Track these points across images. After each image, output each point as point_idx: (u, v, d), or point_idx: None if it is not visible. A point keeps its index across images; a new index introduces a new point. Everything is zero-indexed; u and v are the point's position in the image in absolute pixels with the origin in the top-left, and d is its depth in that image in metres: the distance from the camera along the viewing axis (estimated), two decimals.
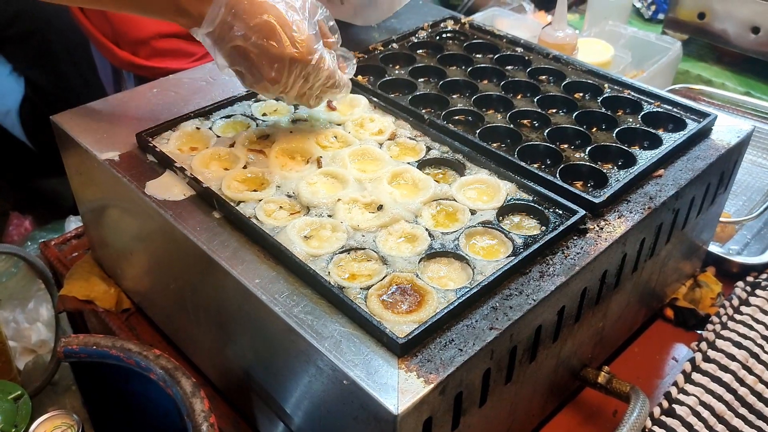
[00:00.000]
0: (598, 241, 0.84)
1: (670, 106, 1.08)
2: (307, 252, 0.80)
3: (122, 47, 1.77)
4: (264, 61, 0.88)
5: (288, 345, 0.75)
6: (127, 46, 1.76)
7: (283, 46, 0.87)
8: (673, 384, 0.99)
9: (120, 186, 0.94)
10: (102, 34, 1.78)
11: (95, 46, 1.84)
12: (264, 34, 0.86)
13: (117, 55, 1.77)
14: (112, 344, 0.86)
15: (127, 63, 1.77)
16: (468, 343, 0.71)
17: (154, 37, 1.74)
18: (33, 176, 2.38)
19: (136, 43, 1.75)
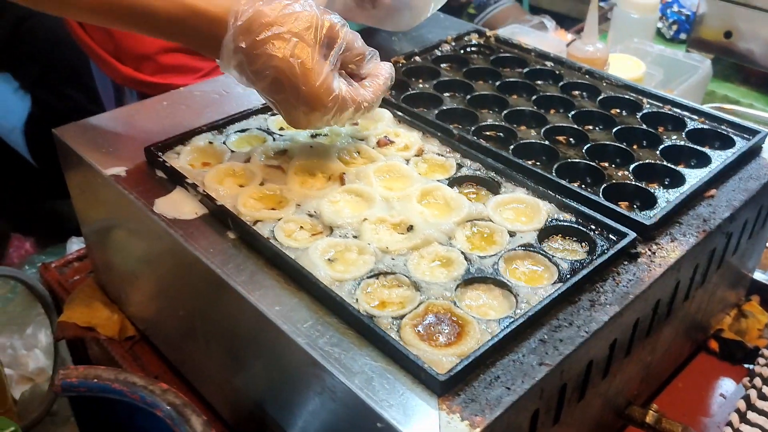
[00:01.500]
0: (652, 267, 0.77)
1: (716, 122, 1.01)
2: (332, 276, 0.73)
3: (125, 63, 1.70)
4: (281, 109, 0.84)
5: (311, 380, 0.67)
6: (130, 62, 1.70)
7: (290, 97, 0.80)
8: (727, 424, 0.90)
9: (126, 204, 0.87)
10: (104, 50, 1.72)
11: (96, 62, 1.78)
12: (275, 87, 0.80)
13: (119, 71, 1.71)
14: (114, 377, 0.78)
15: (130, 79, 1.70)
16: (516, 381, 0.63)
17: (159, 52, 1.68)
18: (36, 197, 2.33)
19: (140, 58, 1.69)
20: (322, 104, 0.81)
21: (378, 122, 1.00)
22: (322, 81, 0.80)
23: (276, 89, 0.80)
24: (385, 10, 1.18)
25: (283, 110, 0.83)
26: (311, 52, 0.79)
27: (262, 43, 0.78)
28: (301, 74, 0.79)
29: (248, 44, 0.78)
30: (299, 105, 0.80)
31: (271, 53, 0.78)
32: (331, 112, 0.82)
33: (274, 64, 0.78)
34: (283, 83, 0.79)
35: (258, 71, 0.79)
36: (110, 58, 1.69)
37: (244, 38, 0.79)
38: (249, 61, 0.79)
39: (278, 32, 0.79)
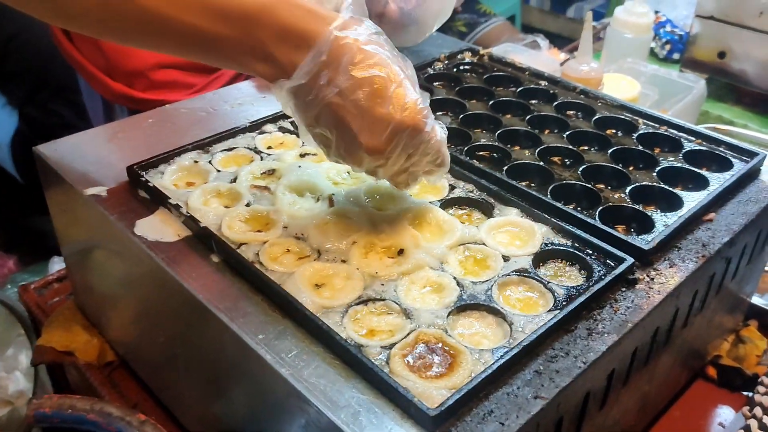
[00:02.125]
0: (650, 294, 0.74)
1: (714, 144, 0.99)
2: (319, 303, 0.70)
3: (116, 79, 1.67)
4: (364, 124, 0.71)
5: (295, 413, 0.64)
6: (121, 78, 1.67)
7: (393, 106, 0.70)
8: None
9: (106, 225, 0.83)
10: (94, 66, 1.69)
11: (86, 79, 1.74)
12: (371, 90, 0.70)
13: (110, 87, 1.68)
14: (90, 407, 0.75)
15: (121, 96, 1.67)
16: (510, 415, 0.60)
17: (152, 68, 1.65)
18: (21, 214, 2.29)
19: (132, 74, 1.66)
20: (419, 124, 0.72)
21: None
22: (420, 99, 0.73)
23: (374, 91, 0.70)
24: (392, 25, 1.17)
25: (370, 125, 0.71)
26: (409, 77, 0.74)
27: (372, 41, 0.71)
28: (406, 84, 0.72)
29: (361, 38, 0.71)
30: (392, 116, 0.70)
31: (381, 53, 0.71)
32: (421, 136, 0.73)
33: (384, 65, 0.71)
34: (386, 88, 0.70)
35: (362, 67, 0.70)
36: (101, 75, 1.66)
37: (354, 29, 0.71)
38: (354, 56, 0.70)
39: (383, 43, 0.73)
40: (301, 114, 0.74)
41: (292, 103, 0.74)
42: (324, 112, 0.72)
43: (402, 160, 0.74)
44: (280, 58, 0.71)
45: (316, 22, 0.70)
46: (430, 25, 1.20)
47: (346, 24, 0.71)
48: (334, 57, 0.70)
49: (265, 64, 0.72)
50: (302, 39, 0.70)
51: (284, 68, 0.71)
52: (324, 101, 0.71)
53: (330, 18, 0.71)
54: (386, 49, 0.73)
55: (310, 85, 0.71)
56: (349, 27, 0.71)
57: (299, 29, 0.70)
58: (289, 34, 0.70)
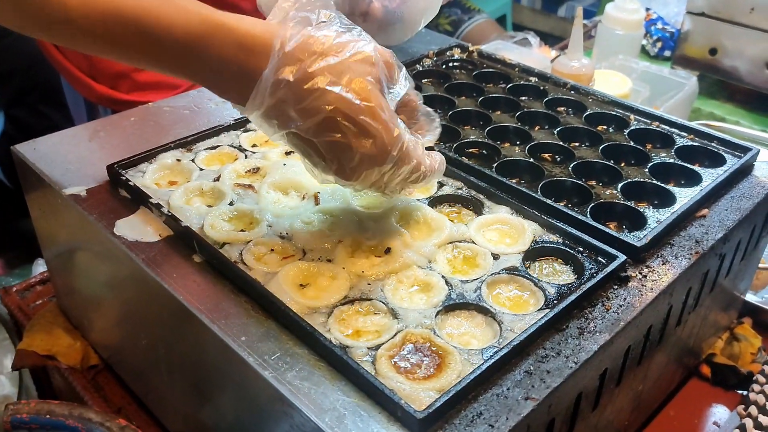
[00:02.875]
0: (643, 291, 0.72)
1: (706, 139, 0.98)
2: (303, 304, 0.68)
3: (100, 81, 1.65)
4: (328, 155, 0.68)
5: (279, 417, 0.62)
6: (105, 80, 1.64)
7: (350, 138, 0.66)
8: None
9: (86, 225, 0.81)
10: (77, 68, 1.66)
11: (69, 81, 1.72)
12: (325, 128, 0.66)
13: (94, 89, 1.65)
14: (69, 412, 0.73)
15: (105, 98, 1.65)
16: (500, 417, 0.58)
17: (135, 70, 1.63)
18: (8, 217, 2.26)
19: (116, 76, 1.63)
20: (385, 150, 0.67)
21: None
22: (386, 122, 0.67)
23: (327, 130, 0.66)
24: (377, 24, 1.15)
25: (332, 158, 0.68)
26: (372, 87, 0.67)
27: (314, 75, 0.65)
28: (361, 112, 0.66)
29: (298, 76, 0.65)
30: (355, 150, 0.66)
31: (326, 87, 0.65)
32: (391, 164, 0.69)
33: (329, 99, 0.65)
34: (338, 123, 0.65)
35: (306, 110, 0.65)
36: (84, 77, 1.64)
37: (291, 69, 0.65)
38: (296, 98, 0.65)
39: (333, 63, 0.66)
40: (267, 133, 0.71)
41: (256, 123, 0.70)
42: (287, 138, 0.70)
43: (371, 183, 0.71)
44: (223, 90, 0.69)
45: (251, 59, 0.65)
46: (416, 22, 1.19)
47: (283, 61, 0.65)
48: (278, 98, 0.65)
49: (214, 89, 0.69)
50: (240, 78, 0.66)
51: (234, 98, 0.68)
52: (283, 132, 0.68)
53: (266, 49, 0.65)
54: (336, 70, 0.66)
55: (266, 117, 0.68)
56: (288, 62, 0.65)
57: (235, 68, 0.65)
58: (226, 72, 0.66)
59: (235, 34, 0.65)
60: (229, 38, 0.65)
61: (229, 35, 0.65)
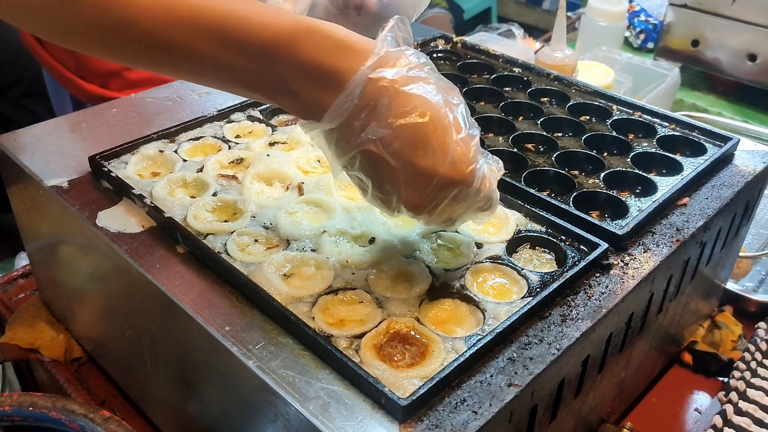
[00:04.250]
0: (625, 279, 0.73)
1: (687, 129, 0.99)
2: (288, 293, 0.68)
3: (89, 80, 1.63)
4: (405, 178, 0.62)
5: (264, 407, 0.62)
6: (95, 79, 1.62)
7: (436, 160, 0.61)
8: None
9: (68, 217, 0.81)
10: (64, 67, 1.64)
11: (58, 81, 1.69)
12: (411, 140, 0.60)
13: (84, 88, 1.63)
14: (52, 405, 0.72)
15: (95, 97, 1.63)
16: (484, 404, 0.58)
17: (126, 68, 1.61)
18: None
19: (107, 75, 1.61)
20: (469, 173, 0.62)
21: None
22: (471, 148, 0.63)
23: (415, 143, 0.60)
24: (372, 18, 1.14)
25: (411, 179, 0.62)
26: (458, 112, 0.63)
27: (412, 80, 0.61)
28: (450, 129, 0.61)
29: (397, 77, 0.60)
30: (436, 169, 0.61)
31: (424, 95, 0.60)
32: (468, 191, 0.63)
33: (426, 107, 0.60)
34: (428, 137, 0.60)
35: (399, 114, 0.60)
36: (72, 76, 1.62)
37: (391, 70, 0.60)
38: (390, 100, 0.60)
39: (429, 76, 0.62)
40: (333, 155, 0.65)
41: (323, 142, 0.65)
42: (359, 158, 0.62)
43: (446, 213, 0.65)
44: (304, 97, 0.62)
45: (345, 59, 0.60)
46: (409, 15, 1.18)
47: (382, 61, 0.60)
48: (368, 101, 0.60)
49: (287, 99, 0.63)
50: (329, 79, 0.60)
51: (309, 108, 0.62)
52: (359, 148, 0.61)
53: (364, 51, 0.61)
54: (431, 83, 0.62)
55: (342, 131, 0.62)
56: (386, 64, 0.60)
57: (325, 67, 0.60)
58: (314, 72, 0.60)
59: (331, 35, 0.61)
60: (326, 38, 0.61)
61: (324, 35, 0.61)
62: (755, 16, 1.68)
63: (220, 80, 0.64)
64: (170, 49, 0.60)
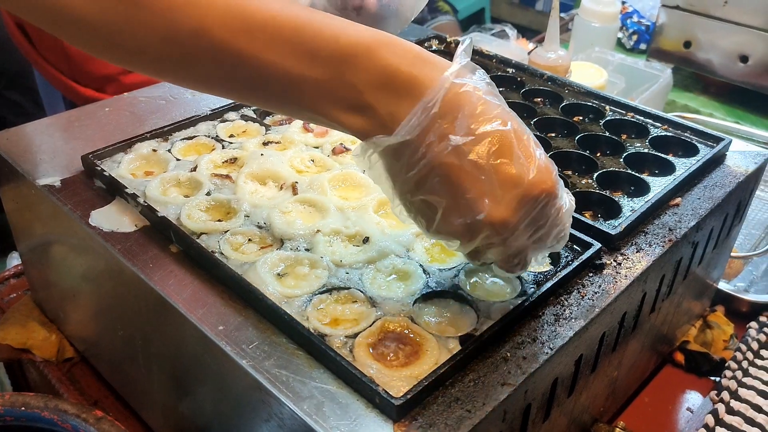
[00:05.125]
0: (618, 279, 0.73)
1: (680, 130, 0.99)
2: (281, 293, 0.68)
3: (84, 84, 1.62)
4: (488, 188, 0.57)
5: (258, 406, 0.62)
6: (90, 83, 1.61)
7: (522, 168, 0.57)
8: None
9: (60, 216, 0.80)
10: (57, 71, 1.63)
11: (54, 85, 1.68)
12: (495, 148, 0.57)
13: (78, 92, 1.62)
14: (44, 404, 0.72)
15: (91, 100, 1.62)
16: (477, 403, 0.59)
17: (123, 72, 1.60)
18: None
19: (102, 79, 1.60)
20: (556, 183, 0.60)
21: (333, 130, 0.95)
22: (549, 160, 0.60)
23: (500, 149, 0.57)
24: (371, 18, 1.14)
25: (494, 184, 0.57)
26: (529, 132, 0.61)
27: (492, 91, 0.59)
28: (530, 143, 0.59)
29: (479, 84, 0.59)
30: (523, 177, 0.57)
31: (503, 106, 0.59)
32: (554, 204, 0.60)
33: (506, 118, 0.58)
34: (512, 142, 0.57)
35: (482, 120, 0.57)
36: (67, 80, 1.61)
37: (471, 76, 0.59)
38: (472, 107, 0.57)
39: (498, 103, 0.59)
40: (397, 178, 0.61)
41: (385, 164, 0.61)
42: (433, 174, 0.58)
43: (528, 234, 0.60)
44: (379, 109, 0.58)
45: (426, 68, 0.58)
46: (408, 15, 1.18)
47: (461, 71, 0.58)
48: (449, 108, 0.57)
49: (356, 115, 0.59)
50: (409, 87, 0.57)
51: (382, 121, 0.58)
52: (434, 161, 0.57)
53: (442, 64, 0.59)
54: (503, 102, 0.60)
55: (417, 142, 0.57)
56: (465, 75, 0.58)
57: (406, 75, 0.57)
58: (393, 81, 0.57)
59: (410, 47, 0.59)
60: (405, 49, 0.58)
61: (404, 47, 0.58)
62: (747, 17, 1.69)
63: (279, 97, 0.61)
64: (239, 60, 0.57)
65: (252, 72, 0.58)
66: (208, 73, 0.60)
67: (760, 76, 1.74)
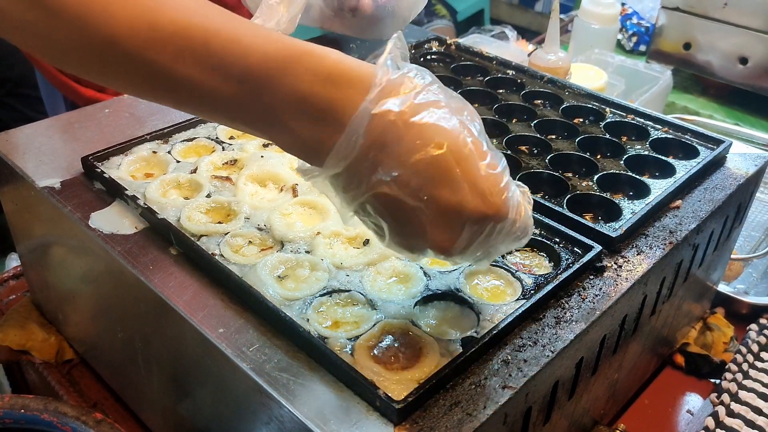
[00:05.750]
0: (618, 281, 0.73)
1: (680, 132, 0.99)
2: (282, 295, 0.68)
3: (85, 84, 1.62)
4: (430, 218, 0.55)
5: (258, 409, 0.62)
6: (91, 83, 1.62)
7: (463, 194, 0.54)
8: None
9: (60, 218, 0.80)
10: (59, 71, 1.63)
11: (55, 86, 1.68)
12: (431, 176, 0.53)
13: (79, 93, 1.62)
14: (44, 407, 0.72)
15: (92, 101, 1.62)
16: (478, 406, 0.58)
17: None
18: None
19: None
20: (504, 203, 0.56)
21: None
22: (500, 174, 0.56)
23: (436, 179, 0.53)
24: (367, 19, 1.14)
25: (431, 218, 0.55)
26: (477, 133, 0.57)
27: (422, 108, 0.54)
28: (476, 157, 0.55)
29: (404, 108, 0.53)
30: (464, 204, 0.54)
31: (438, 123, 0.53)
32: (507, 217, 0.57)
33: (442, 137, 0.53)
34: (450, 169, 0.53)
35: (411, 150, 0.53)
36: (68, 80, 1.61)
37: (395, 100, 0.53)
38: (398, 134, 0.53)
39: (436, 100, 0.55)
40: (342, 202, 0.59)
41: (327, 187, 0.58)
42: (372, 202, 0.56)
43: (479, 250, 0.59)
44: (301, 134, 0.55)
45: (343, 89, 0.53)
46: (405, 16, 1.18)
47: (385, 91, 0.53)
48: (375, 138, 0.53)
49: (280, 134, 0.56)
50: (326, 113, 0.53)
51: (308, 145, 0.55)
52: (371, 191, 0.55)
53: (363, 79, 0.54)
54: (442, 106, 0.55)
55: (350, 173, 0.54)
56: (390, 94, 0.53)
57: (321, 99, 0.53)
58: (309, 106, 0.54)
59: (326, 61, 0.54)
60: (319, 66, 0.54)
61: (318, 62, 0.54)
62: (747, 19, 1.69)
63: (206, 109, 0.58)
64: (151, 71, 0.54)
65: (167, 84, 0.55)
66: (128, 81, 0.57)
67: (759, 78, 1.74)
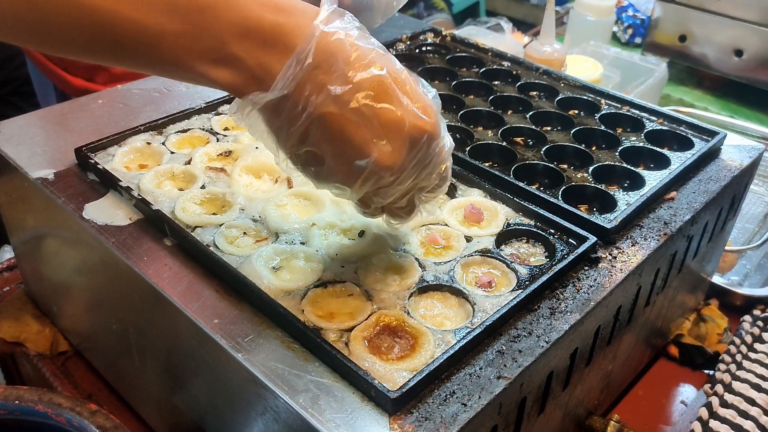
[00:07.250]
0: (613, 272, 0.73)
1: (675, 123, 0.99)
2: (277, 286, 0.68)
3: (74, 73, 1.61)
4: (372, 134, 0.57)
5: (253, 400, 0.62)
6: (80, 72, 1.61)
7: (404, 109, 0.58)
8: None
9: (54, 209, 0.80)
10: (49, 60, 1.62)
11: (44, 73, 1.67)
12: (375, 93, 0.57)
13: (70, 82, 1.61)
14: (38, 398, 0.72)
15: (81, 90, 1.61)
16: (473, 396, 0.59)
17: None
18: None
19: (92, 68, 1.59)
20: (438, 123, 0.60)
21: None
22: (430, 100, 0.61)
23: (378, 94, 0.57)
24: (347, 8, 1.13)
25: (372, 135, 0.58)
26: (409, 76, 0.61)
27: (363, 35, 0.59)
28: (409, 82, 0.59)
29: (351, 32, 0.58)
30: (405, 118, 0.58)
31: (376, 49, 0.58)
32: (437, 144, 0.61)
33: (383, 62, 0.58)
34: (389, 86, 0.57)
35: (358, 67, 0.57)
36: (58, 69, 1.60)
37: (341, 23, 0.58)
38: (346, 54, 0.56)
39: (371, 47, 0.59)
40: (280, 133, 0.60)
41: (265, 120, 0.60)
42: (316, 125, 0.57)
43: (414, 174, 0.61)
44: (247, 60, 0.56)
45: (292, 16, 0.56)
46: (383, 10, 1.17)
47: (330, 17, 0.57)
48: (323, 58, 0.56)
49: (224, 69, 0.57)
50: (276, 37, 0.56)
51: (253, 74, 0.56)
52: (316, 113, 0.56)
53: (308, 11, 0.57)
54: (377, 44, 0.60)
55: (295, 95, 0.56)
56: (334, 20, 0.58)
57: (271, 23, 0.55)
58: (258, 30, 0.55)
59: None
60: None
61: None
62: (742, 11, 1.69)
63: (150, 55, 0.57)
64: (93, 20, 0.54)
65: (110, 29, 0.55)
66: (68, 35, 0.56)
67: (754, 70, 1.75)
